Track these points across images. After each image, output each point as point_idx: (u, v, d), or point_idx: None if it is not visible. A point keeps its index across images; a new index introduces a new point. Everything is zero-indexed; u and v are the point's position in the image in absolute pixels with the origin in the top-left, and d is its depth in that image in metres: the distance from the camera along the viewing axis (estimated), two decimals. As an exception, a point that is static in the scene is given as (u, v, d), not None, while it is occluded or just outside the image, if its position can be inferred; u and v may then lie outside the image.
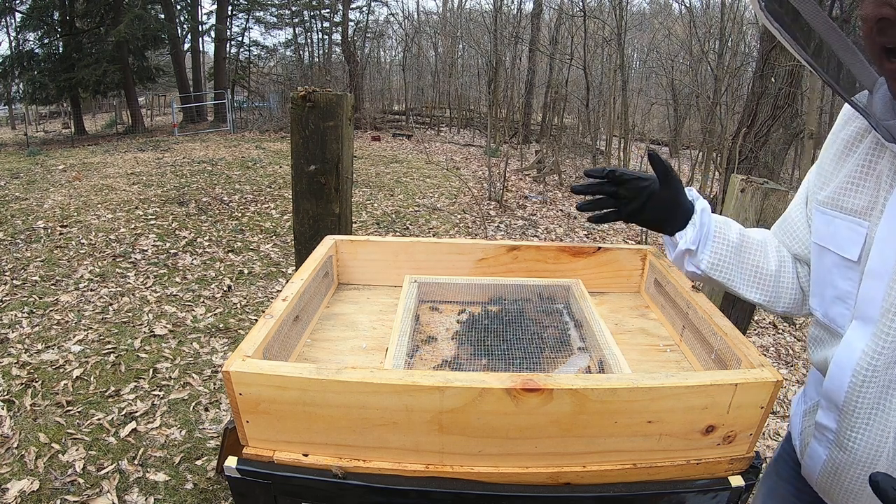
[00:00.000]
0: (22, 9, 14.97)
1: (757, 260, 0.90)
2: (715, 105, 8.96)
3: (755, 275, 0.90)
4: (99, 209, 5.87)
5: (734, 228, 0.90)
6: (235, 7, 19.38)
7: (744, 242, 0.90)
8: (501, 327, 0.94)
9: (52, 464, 2.19)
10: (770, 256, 0.90)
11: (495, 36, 13.85)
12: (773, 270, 0.90)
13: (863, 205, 0.72)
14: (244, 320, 3.56)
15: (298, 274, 0.92)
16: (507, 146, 11.56)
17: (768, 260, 0.90)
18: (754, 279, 0.90)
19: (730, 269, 0.90)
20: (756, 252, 0.90)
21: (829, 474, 0.78)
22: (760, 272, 0.90)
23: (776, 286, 0.91)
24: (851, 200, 0.73)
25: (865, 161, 0.73)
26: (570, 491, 0.68)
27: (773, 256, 0.90)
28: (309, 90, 1.58)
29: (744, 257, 0.90)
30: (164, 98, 21.32)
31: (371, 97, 19.20)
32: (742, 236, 0.90)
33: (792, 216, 0.90)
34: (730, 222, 0.91)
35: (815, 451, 0.80)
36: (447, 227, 6.02)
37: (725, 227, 0.90)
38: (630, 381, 0.64)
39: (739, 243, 0.89)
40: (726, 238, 0.89)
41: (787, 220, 0.91)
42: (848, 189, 0.74)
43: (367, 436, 0.65)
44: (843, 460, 0.75)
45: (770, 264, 0.90)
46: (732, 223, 0.91)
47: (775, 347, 3.83)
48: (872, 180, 0.72)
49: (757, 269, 0.90)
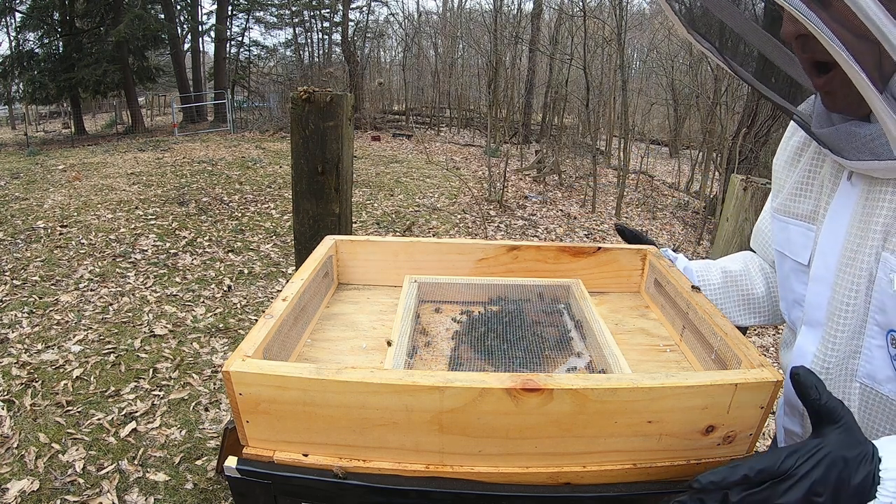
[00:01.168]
0: (22, 9, 14.98)
1: (745, 289, 0.94)
2: (715, 105, 8.96)
3: (748, 303, 0.95)
4: (99, 209, 5.87)
5: (714, 270, 0.95)
6: (235, 7, 19.38)
7: (727, 280, 0.94)
8: (501, 327, 0.94)
9: (52, 464, 2.19)
10: (755, 281, 0.94)
11: (495, 36, 13.85)
12: (762, 293, 0.93)
13: (810, 210, 0.74)
14: (244, 320, 3.56)
15: (298, 274, 0.92)
16: (507, 146, 11.57)
17: (755, 285, 0.94)
18: (748, 307, 0.95)
19: (724, 309, 0.95)
20: (741, 282, 0.94)
21: None
22: (751, 299, 0.94)
23: (770, 305, 0.94)
24: (800, 206, 0.76)
25: (811, 167, 0.75)
26: (570, 491, 0.68)
27: (759, 279, 0.94)
28: (310, 90, 1.59)
29: (732, 293, 0.94)
30: (164, 98, 21.32)
31: (371, 97, 19.20)
32: (724, 274, 0.95)
33: (762, 227, 0.92)
34: (710, 266, 0.96)
35: None
36: (447, 227, 6.02)
37: (706, 272, 0.95)
38: (630, 381, 0.64)
39: (724, 283, 0.94)
40: (710, 283, 0.94)
41: (759, 233, 0.94)
42: (797, 195, 0.76)
43: (367, 436, 0.65)
44: None
45: (758, 288, 0.93)
46: (712, 265, 0.96)
47: (775, 347, 3.83)
48: (817, 186, 0.74)
49: (747, 297, 0.94)
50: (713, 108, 9.00)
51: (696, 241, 6.39)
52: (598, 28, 12.36)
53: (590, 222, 6.81)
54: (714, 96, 9.11)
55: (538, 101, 16.48)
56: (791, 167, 0.79)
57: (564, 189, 8.54)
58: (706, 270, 0.95)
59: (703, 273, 0.95)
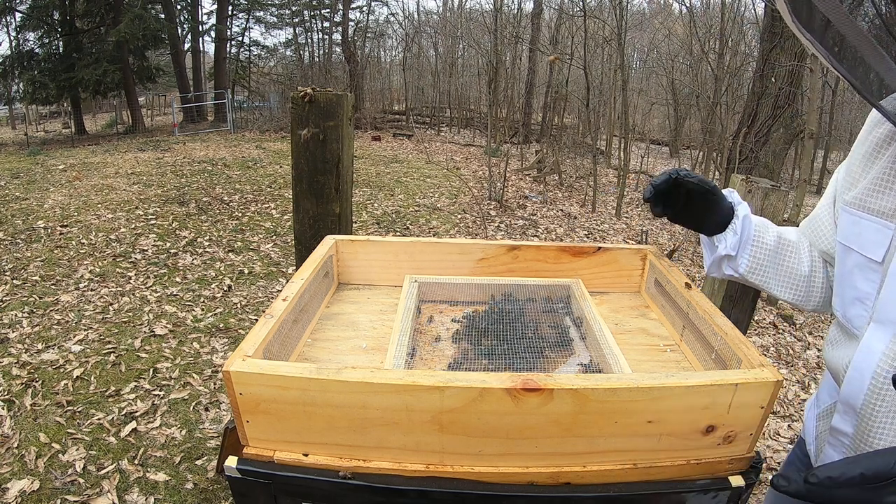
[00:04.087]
0: (22, 9, 14.97)
1: (792, 262, 0.91)
2: (715, 105, 8.96)
3: (790, 277, 0.91)
4: (99, 209, 5.87)
5: (771, 231, 0.91)
6: (235, 7, 19.38)
7: (780, 246, 0.91)
8: (501, 327, 0.94)
9: (53, 463, 2.19)
10: (803, 258, 0.91)
11: (495, 36, 13.85)
12: (805, 272, 0.90)
13: (891, 207, 0.72)
14: (244, 320, 3.56)
15: (299, 274, 0.92)
16: (508, 146, 11.57)
17: (802, 262, 0.91)
18: (788, 281, 0.91)
19: (766, 272, 0.91)
20: (791, 254, 0.91)
21: None
22: (794, 274, 0.91)
23: (808, 287, 0.92)
24: (879, 202, 0.73)
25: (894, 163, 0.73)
26: (570, 491, 0.68)
27: (806, 258, 0.91)
28: (312, 90, 1.59)
29: (780, 260, 0.91)
30: (165, 98, 21.31)
31: (371, 97, 19.20)
32: (779, 239, 0.91)
33: (820, 215, 0.90)
34: (767, 225, 0.92)
35: (830, 456, 0.79)
36: (447, 227, 6.02)
37: (763, 230, 0.90)
38: (630, 381, 0.64)
39: (776, 247, 0.90)
40: (764, 242, 0.90)
41: (815, 220, 0.91)
42: (876, 190, 0.74)
43: (368, 436, 0.65)
44: None
45: (803, 266, 0.91)
46: (770, 225, 0.92)
47: (775, 347, 3.83)
48: None
49: (791, 271, 0.91)
50: (713, 108, 9.00)
51: (696, 240, 6.38)
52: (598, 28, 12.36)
53: (590, 222, 6.81)
54: (714, 96, 9.12)
55: (538, 101, 16.49)
56: (870, 162, 0.76)
57: (564, 189, 8.54)
58: (763, 229, 0.91)
59: (761, 232, 0.90)
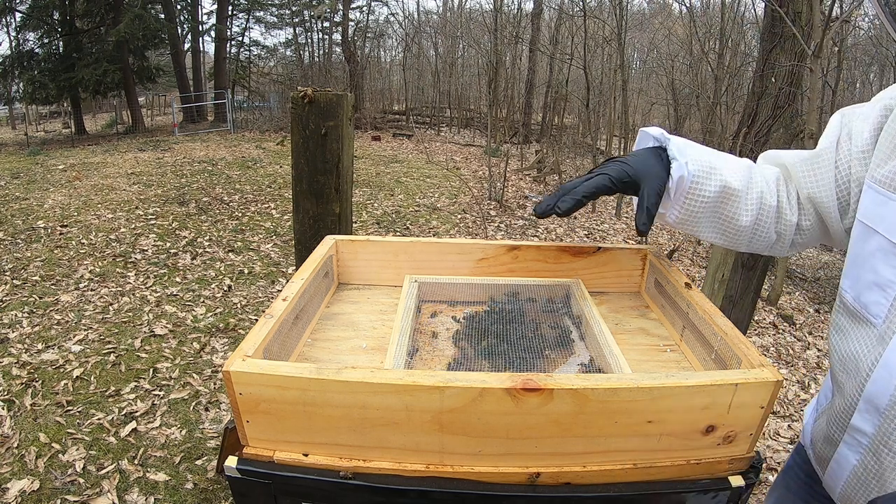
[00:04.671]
0: (22, 9, 14.97)
1: (730, 213, 0.84)
2: (715, 105, 8.97)
3: (723, 225, 0.86)
4: (99, 209, 5.87)
5: (715, 180, 0.83)
6: (235, 7, 19.38)
7: (721, 197, 0.83)
8: (501, 327, 0.94)
9: (53, 463, 2.19)
10: (747, 208, 0.84)
11: (495, 36, 13.85)
12: (745, 224, 0.85)
13: None
14: (244, 320, 3.56)
15: (298, 274, 0.92)
16: (508, 146, 11.57)
17: (742, 213, 0.84)
18: (720, 228, 0.86)
19: (697, 222, 0.86)
20: (732, 205, 0.84)
21: (859, 482, 0.73)
22: (730, 224, 0.85)
23: (746, 236, 0.87)
24: None
25: None
26: (570, 491, 0.68)
27: (752, 208, 0.84)
28: (313, 89, 1.59)
29: (717, 211, 0.85)
30: (164, 98, 21.31)
31: (371, 97, 19.20)
32: (722, 190, 0.83)
33: (823, 159, 0.82)
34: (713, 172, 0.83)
35: (845, 456, 0.75)
36: (447, 227, 6.02)
37: (705, 180, 0.82)
38: (630, 380, 0.64)
39: (716, 198, 0.83)
40: (701, 195, 0.83)
41: (811, 164, 0.83)
42: None
43: (368, 436, 0.65)
44: (877, 467, 0.70)
45: (743, 218, 0.84)
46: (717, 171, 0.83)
47: (775, 347, 3.83)
48: None
49: (727, 220, 0.85)
50: (713, 108, 9.00)
51: (696, 240, 6.39)
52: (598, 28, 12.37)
53: (590, 222, 6.81)
54: (714, 96, 9.12)
55: (538, 101, 16.49)
56: None
57: (564, 189, 8.52)
58: (705, 178, 0.82)
59: (700, 182, 0.82)
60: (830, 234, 0.86)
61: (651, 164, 0.83)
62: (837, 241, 0.87)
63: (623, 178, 0.82)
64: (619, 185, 0.82)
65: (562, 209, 0.81)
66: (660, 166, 0.83)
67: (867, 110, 0.79)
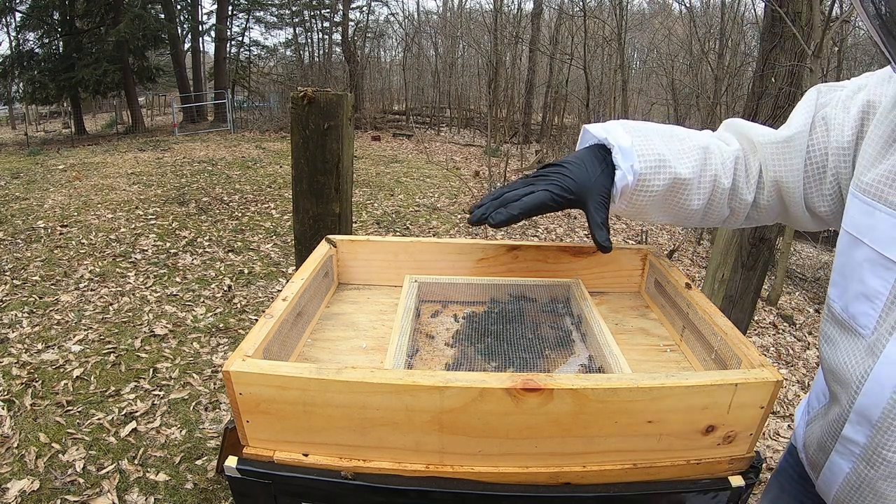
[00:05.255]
0: (22, 9, 14.98)
1: (680, 201, 0.83)
2: (715, 105, 8.97)
3: (671, 209, 0.84)
4: (99, 209, 5.87)
5: (665, 173, 0.80)
6: (235, 7, 19.38)
7: (671, 189, 0.81)
8: (501, 327, 0.94)
9: (53, 463, 2.19)
10: (699, 195, 0.83)
11: (495, 36, 13.85)
12: (695, 208, 0.84)
13: None
14: (244, 320, 3.56)
15: (298, 274, 0.92)
16: (508, 146, 11.57)
17: (693, 199, 0.83)
18: (668, 211, 0.85)
19: (645, 211, 0.84)
20: (682, 194, 0.82)
21: (852, 489, 0.73)
22: (682, 209, 0.84)
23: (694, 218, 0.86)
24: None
25: None
26: (569, 491, 0.68)
27: (703, 194, 0.83)
28: (313, 89, 1.59)
29: (666, 201, 0.83)
30: (164, 98, 21.31)
31: (371, 97, 19.21)
32: (671, 183, 0.80)
33: (795, 145, 0.81)
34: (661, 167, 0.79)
35: (837, 464, 0.75)
36: (447, 227, 6.02)
37: (653, 175, 0.80)
38: (630, 380, 0.64)
39: (665, 191, 0.81)
40: (648, 190, 0.80)
41: (788, 147, 0.81)
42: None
43: (368, 436, 0.65)
44: (870, 476, 0.70)
45: (693, 204, 0.83)
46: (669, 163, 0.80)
47: (775, 347, 3.84)
48: None
49: (676, 206, 0.84)
50: (713, 108, 9.00)
51: (696, 240, 6.39)
52: (598, 28, 12.37)
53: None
54: (714, 96, 9.12)
55: (538, 101, 16.50)
56: (891, 145, 0.68)
57: (564, 189, 8.53)
58: (654, 173, 0.79)
59: (648, 176, 0.79)
60: (792, 215, 0.85)
61: (593, 174, 0.80)
62: (794, 221, 0.87)
63: (565, 195, 0.79)
64: (561, 203, 0.79)
65: (495, 221, 0.78)
66: (603, 175, 0.80)
67: (846, 97, 0.77)
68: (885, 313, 0.67)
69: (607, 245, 0.81)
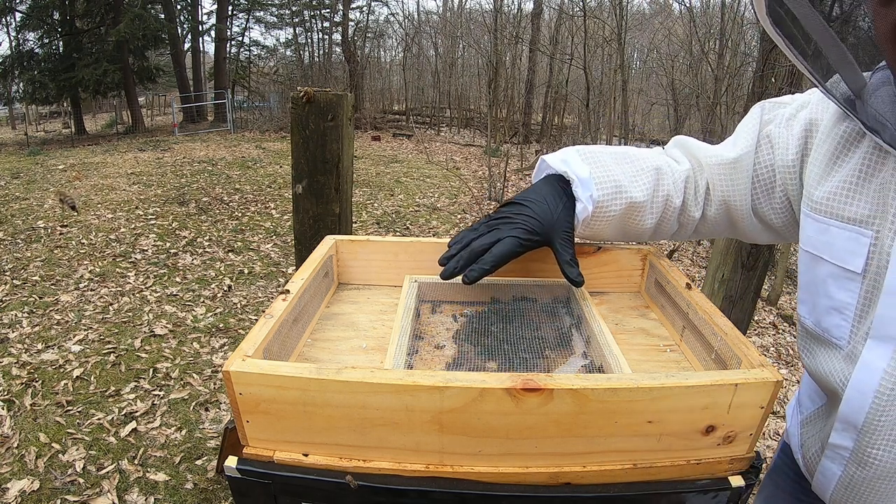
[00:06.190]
0: (22, 9, 14.98)
1: (634, 223, 0.87)
2: (715, 105, 8.97)
3: (628, 230, 0.89)
4: (99, 209, 5.87)
5: (621, 198, 0.83)
6: (235, 7, 19.39)
7: (626, 212, 0.85)
8: (501, 327, 0.94)
9: (52, 463, 2.19)
10: (651, 215, 0.86)
11: (495, 36, 13.85)
12: (648, 226, 0.88)
13: (865, 213, 0.67)
14: (244, 320, 3.56)
15: (298, 274, 0.92)
16: (508, 146, 11.57)
17: (646, 220, 0.87)
18: (624, 233, 0.90)
19: (602, 235, 0.89)
20: (636, 217, 0.86)
21: (846, 490, 0.74)
22: (635, 229, 0.88)
23: (645, 235, 0.90)
24: (851, 208, 0.68)
25: (865, 164, 0.67)
26: (569, 491, 0.68)
27: (655, 213, 0.86)
28: (313, 89, 1.59)
29: (622, 223, 0.87)
30: (164, 98, 21.31)
31: (371, 97, 19.21)
32: (627, 207, 0.84)
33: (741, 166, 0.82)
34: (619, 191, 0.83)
35: (829, 468, 0.76)
36: (447, 227, 6.02)
37: (609, 201, 0.83)
38: (630, 380, 0.64)
39: (622, 215, 0.85)
40: (606, 216, 0.84)
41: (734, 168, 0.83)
42: (846, 196, 0.68)
43: (368, 436, 0.65)
44: (862, 476, 0.71)
45: (646, 223, 0.87)
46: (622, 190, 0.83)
47: (775, 347, 3.84)
48: (875, 188, 0.66)
49: (633, 227, 0.88)
50: (713, 108, 9.00)
51: (696, 241, 6.39)
52: (598, 28, 12.37)
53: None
54: (714, 96, 9.12)
55: (538, 101, 16.50)
56: (836, 161, 0.70)
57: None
58: (611, 200, 0.82)
59: (605, 203, 0.82)
60: (740, 229, 0.89)
61: (555, 211, 0.82)
62: (743, 235, 0.90)
63: (532, 238, 0.82)
64: (528, 247, 0.83)
65: (469, 279, 0.82)
66: (565, 209, 0.83)
67: (789, 115, 0.78)
68: (858, 322, 0.69)
69: (579, 280, 0.84)
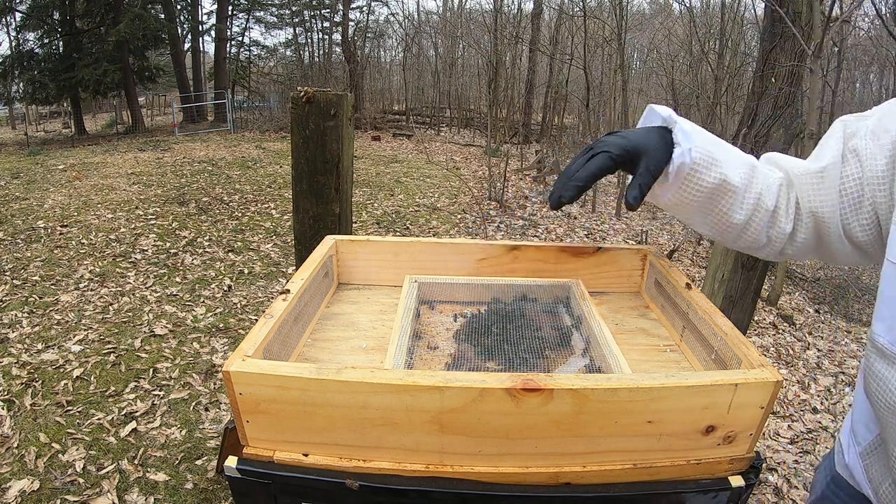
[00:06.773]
0: (22, 9, 14.97)
1: (725, 208, 0.83)
2: (715, 105, 8.97)
3: (715, 219, 0.85)
4: (99, 209, 5.87)
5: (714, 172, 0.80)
6: (235, 7, 19.37)
7: (718, 190, 0.82)
8: (501, 327, 0.94)
9: (52, 464, 2.19)
10: (743, 206, 0.83)
11: (495, 36, 13.85)
12: (739, 221, 0.84)
13: None
14: (244, 320, 3.56)
15: (299, 274, 0.92)
16: (508, 146, 11.57)
17: (737, 210, 0.83)
18: (712, 222, 0.85)
19: (689, 211, 0.84)
20: (727, 200, 0.82)
21: None
22: (722, 219, 0.84)
23: (732, 232, 0.85)
24: None
25: None
26: (569, 491, 0.68)
27: (747, 207, 0.83)
28: (313, 89, 1.59)
29: (712, 204, 0.83)
30: (164, 98, 21.30)
31: (371, 97, 19.21)
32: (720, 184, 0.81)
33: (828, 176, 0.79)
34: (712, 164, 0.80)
35: None
36: (447, 227, 6.02)
37: (705, 170, 0.80)
38: (630, 381, 0.64)
39: (713, 191, 0.81)
40: (698, 185, 0.81)
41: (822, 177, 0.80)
42: None
43: (368, 436, 0.65)
44: None
45: (737, 215, 0.83)
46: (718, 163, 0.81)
47: (775, 347, 3.83)
48: None
49: (721, 215, 0.84)
50: (713, 108, 9.00)
51: (696, 241, 6.39)
52: (598, 28, 12.37)
53: (590, 222, 6.81)
54: (714, 96, 9.12)
55: (538, 101, 16.50)
56: None
57: (564, 189, 8.52)
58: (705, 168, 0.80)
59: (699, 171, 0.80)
60: (828, 248, 0.84)
61: (653, 142, 0.80)
62: (831, 255, 0.86)
63: (623, 155, 0.79)
64: (620, 163, 0.80)
65: (566, 198, 0.79)
66: (662, 146, 0.80)
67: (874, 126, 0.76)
68: None
69: (634, 204, 0.80)
